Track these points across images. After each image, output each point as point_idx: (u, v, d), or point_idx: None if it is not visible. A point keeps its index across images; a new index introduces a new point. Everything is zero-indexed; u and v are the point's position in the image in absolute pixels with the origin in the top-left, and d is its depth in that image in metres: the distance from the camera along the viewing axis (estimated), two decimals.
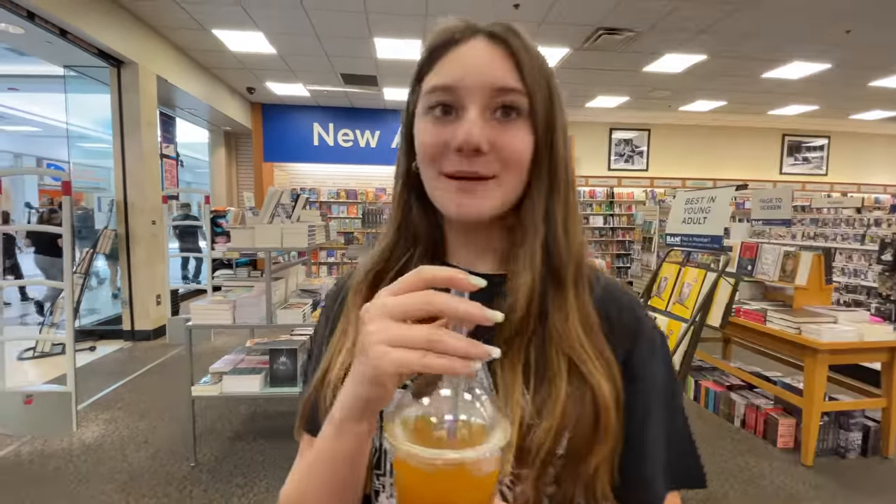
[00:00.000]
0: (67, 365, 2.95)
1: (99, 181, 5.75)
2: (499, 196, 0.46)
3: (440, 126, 0.46)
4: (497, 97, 0.44)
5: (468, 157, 0.44)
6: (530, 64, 0.45)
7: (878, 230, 4.51)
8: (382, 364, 0.32)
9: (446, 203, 0.47)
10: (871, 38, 5.05)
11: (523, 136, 0.45)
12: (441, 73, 0.46)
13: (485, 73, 0.44)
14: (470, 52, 0.46)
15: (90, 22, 4.15)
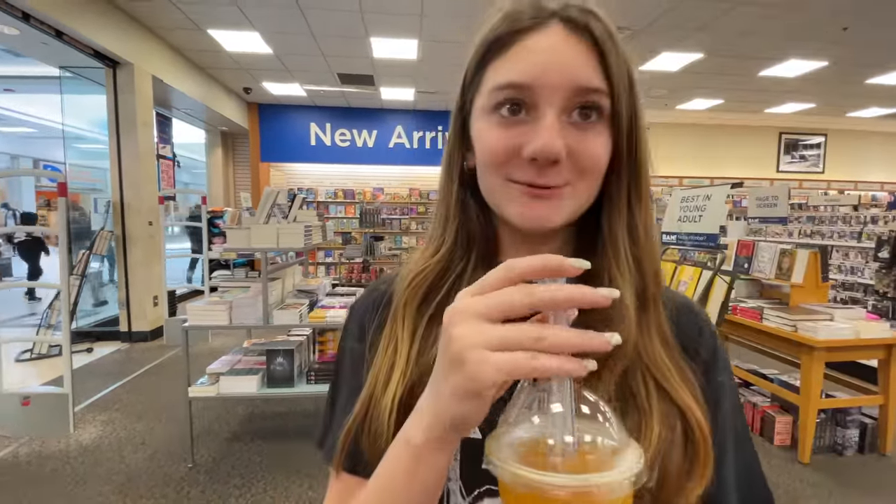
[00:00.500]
0: (64, 366, 2.94)
1: (95, 182, 5.73)
2: (571, 206, 0.42)
3: (509, 128, 0.40)
4: (577, 98, 0.39)
5: (542, 167, 0.39)
6: (616, 57, 0.40)
7: (875, 227, 4.53)
8: (483, 372, 0.27)
9: (512, 211, 0.42)
10: (869, 35, 5.06)
11: (603, 140, 0.40)
12: (512, 68, 0.40)
13: (565, 71, 0.39)
14: (546, 42, 0.39)
15: (86, 23, 4.14)
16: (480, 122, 0.43)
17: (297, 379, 2.63)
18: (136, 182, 4.94)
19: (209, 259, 5.29)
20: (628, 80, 0.41)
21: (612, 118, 0.40)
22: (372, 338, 0.48)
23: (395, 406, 0.40)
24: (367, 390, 0.43)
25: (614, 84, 0.39)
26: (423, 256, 0.48)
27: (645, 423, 0.39)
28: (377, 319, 0.49)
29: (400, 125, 8.73)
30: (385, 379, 0.42)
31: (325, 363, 2.73)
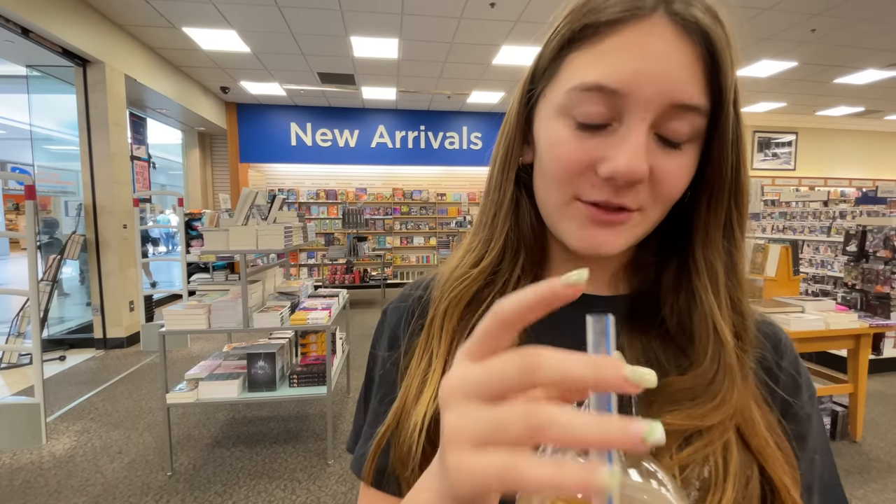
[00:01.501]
0: (35, 375, 2.84)
1: (67, 185, 5.56)
2: (637, 233, 0.37)
3: (587, 138, 0.35)
4: (669, 118, 0.33)
5: (619, 188, 0.34)
6: (730, 71, 0.33)
7: (844, 222, 4.68)
8: (460, 483, 0.20)
9: (571, 234, 0.38)
10: (836, 36, 5.23)
11: (690, 164, 0.35)
12: (601, 66, 0.33)
13: (665, 81, 0.32)
14: (648, 41, 0.32)
15: (53, 20, 4.01)
16: (552, 122, 0.37)
17: (280, 382, 2.60)
18: (108, 184, 4.80)
19: (188, 262, 5.19)
20: (734, 96, 0.35)
21: (715, 138, 0.35)
22: (406, 345, 0.44)
23: (424, 424, 0.37)
24: (399, 402, 0.40)
25: (724, 99, 0.34)
26: (463, 263, 0.43)
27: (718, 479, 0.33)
28: (411, 327, 0.45)
29: (382, 125, 8.68)
30: (416, 393, 0.39)
31: (307, 366, 2.71)
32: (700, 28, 0.33)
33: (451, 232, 8.91)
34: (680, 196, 0.36)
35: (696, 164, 0.36)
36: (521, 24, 4.90)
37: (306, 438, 2.92)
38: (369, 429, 0.45)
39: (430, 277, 0.49)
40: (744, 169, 0.37)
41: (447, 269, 0.45)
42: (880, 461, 2.64)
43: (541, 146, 0.38)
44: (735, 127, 0.35)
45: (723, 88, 0.33)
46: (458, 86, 7.16)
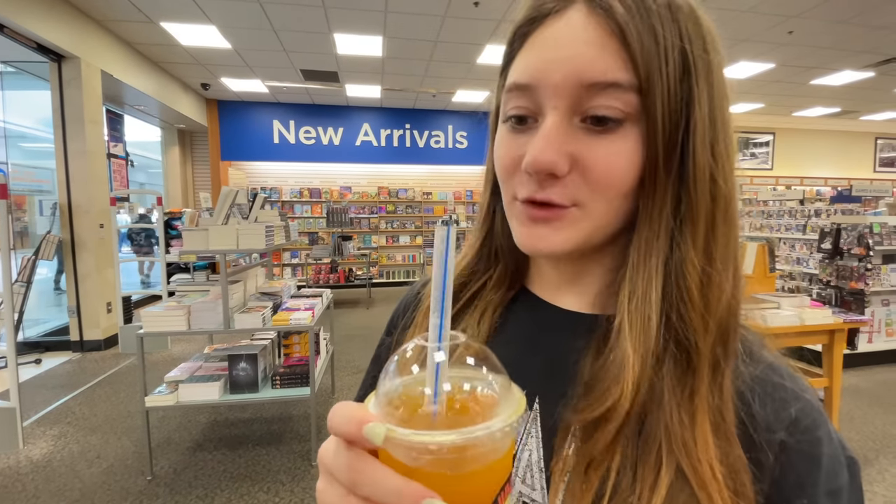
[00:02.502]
0: (10, 379, 2.77)
1: (42, 183, 5.42)
2: (582, 229, 0.34)
3: (515, 136, 0.35)
4: (588, 99, 0.32)
5: (541, 181, 0.33)
6: (645, 38, 0.30)
7: (819, 220, 4.80)
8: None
9: (516, 231, 0.37)
10: (812, 39, 5.36)
11: (625, 147, 0.32)
12: (521, 65, 0.34)
13: (571, 65, 0.31)
14: (559, 30, 0.32)
15: (27, 14, 3.90)
16: (500, 128, 0.37)
17: (262, 384, 2.57)
18: (84, 183, 4.69)
19: (167, 263, 5.09)
20: (684, 64, 0.31)
21: (645, 118, 0.32)
22: (399, 335, 0.47)
23: None
24: None
25: (641, 71, 0.30)
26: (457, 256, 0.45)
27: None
28: (405, 318, 0.48)
29: (367, 123, 8.63)
30: None
31: (290, 367, 2.68)
32: (604, 5, 0.31)
33: None
34: (626, 186, 0.33)
35: (637, 145, 0.32)
36: (505, 23, 4.90)
37: (290, 440, 2.89)
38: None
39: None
40: (695, 147, 0.32)
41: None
42: (856, 454, 2.72)
43: (494, 153, 0.39)
44: (673, 101, 0.31)
45: (636, 60, 0.30)
46: (443, 84, 7.15)
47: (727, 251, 0.34)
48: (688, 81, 0.32)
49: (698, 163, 0.32)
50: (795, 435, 0.32)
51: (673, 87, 0.31)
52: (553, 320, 0.40)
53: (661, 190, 0.33)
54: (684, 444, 0.30)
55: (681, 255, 0.32)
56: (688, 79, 0.32)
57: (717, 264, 0.33)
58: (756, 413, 0.32)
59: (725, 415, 0.31)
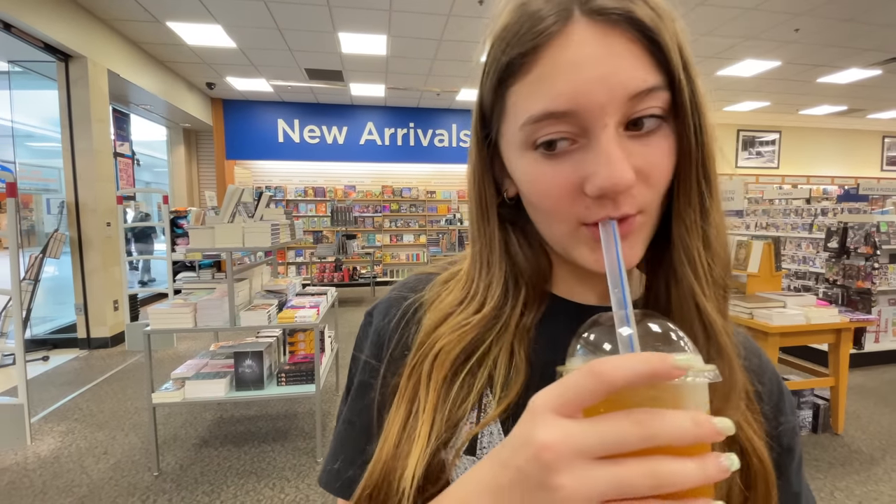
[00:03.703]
0: (18, 376, 2.80)
1: (49, 182, 5.46)
2: (647, 233, 0.36)
3: (559, 163, 0.33)
4: (634, 107, 0.32)
5: (614, 200, 0.33)
6: (669, 36, 0.32)
7: (825, 219, 4.77)
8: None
9: (586, 258, 0.36)
10: (818, 37, 5.32)
11: (669, 144, 0.34)
12: (543, 92, 0.32)
13: (611, 79, 0.31)
14: (576, 49, 0.31)
15: (35, 14, 3.93)
16: (521, 161, 0.36)
17: (267, 381, 2.59)
18: (91, 181, 4.73)
19: (174, 261, 5.12)
20: (684, 60, 0.33)
21: (675, 112, 0.33)
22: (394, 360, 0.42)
23: (412, 489, 0.35)
24: (381, 452, 0.38)
25: (674, 69, 0.32)
26: (464, 311, 0.40)
27: None
28: (398, 335, 0.43)
29: (371, 122, 8.64)
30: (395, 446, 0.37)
31: (295, 364, 2.69)
32: (620, 13, 0.31)
33: (441, 230, 8.90)
34: (669, 180, 0.35)
35: (674, 140, 0.34)
36: None
37: (295, 437, 2.91)
38: (340, 438, 0.45)
39: (416, 278, 0.47)
40: (708, 133, 0.35)
41: (438, 314, 0.41)
42: (862, 453, 2.70)
43: (521, 186, 0.37)
44: (692, 93, 0.33)
45: (669, 60, 0.32)
46: (448, 83, 7.15)
47: (723, 220, 0.37)
48: (690, 74, 0.33)
49: (708, 143, 0.35)
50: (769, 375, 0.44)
51: (687, 80, 0.33)
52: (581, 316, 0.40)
53: (692, 170, 0.35)
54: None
55: (709, 225, 0.36)
56: (689, 72, 0.33)
57: (722, 231, 0.37)
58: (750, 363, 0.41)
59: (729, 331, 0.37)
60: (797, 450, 0.43)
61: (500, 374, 0.38)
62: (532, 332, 0.41)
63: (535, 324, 0.41)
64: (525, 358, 0.39)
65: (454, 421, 0.37)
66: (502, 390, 0.38)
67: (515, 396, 0.38)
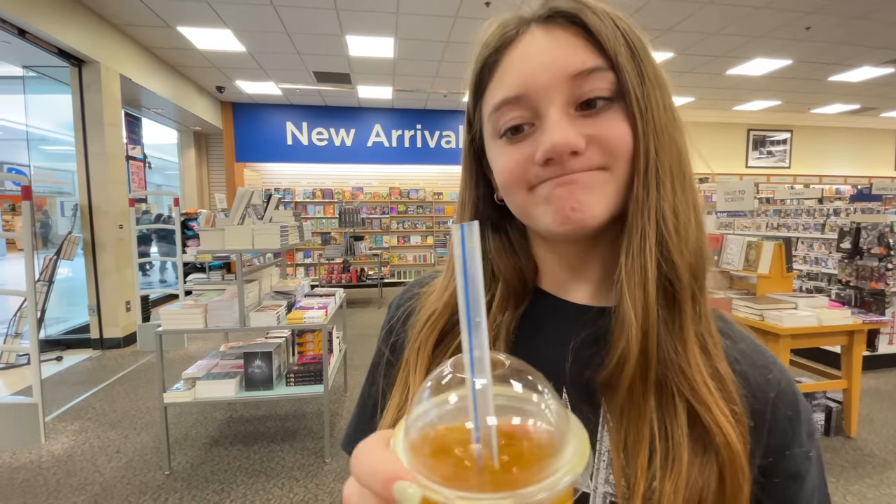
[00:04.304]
0: (33, 375, 2.85)
1: (62, 185, 5.55)
2: (611, 190, 0.37)
3: (518, 144, 0.38)
4: (578, 86, 0.35)
5: (562, 162, 0.35)
6: (605, 28, 0.35)
7: (838, 219, 4.71)
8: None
9: (545, 215, 0.38)
10: (830, 34, 5.26)
11: (621, 120, 0.36)
12: (503, 85, 0.38)
13: (553, 64, 0.35)
14: (528, 47, 0.37)
15: (49, 20, 4.00)
16: (492, 150, 0.41)
17: (276, 381, 2.61)
18: (104, 184, 4.80)
19: (184, 262, 5.18)
20: (629, 45, 0.36)
21: (623, 96, 0.36)
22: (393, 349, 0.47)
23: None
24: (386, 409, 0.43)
25: (611, 53, 0.35)
26: (440, 293, 0.44)
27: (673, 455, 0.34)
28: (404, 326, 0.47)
29: (378, 124, 8.68)
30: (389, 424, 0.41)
31: (304, 364, 2.72)
32: (561, 12, 0.37)
33: (448, 231, 8.91)
34: (629, 152, 0.36)
35: (625, 117, 0.36)
36: None
37: (303, 437, 2.93)
38: (355, 416, 0.52)
39: (430, 275, 0.51)
40: (662, 112, 0.36)
41: (425, 304, 0.45)
42: (875, 457, 2.67)
43: (495, 172, 0.41)
44: (639, 75, 0.36)
45: (604, 45, 0.35)
46: (454, 85, 7.17)
47: (688, 199, 0.37)
48: (638, 61, 0.36)
49: (662, 125, 0.36)
50: (778, 393, 0.39)
51: (631, 66, 0.36)
52: (568, 314, 0.43)
53: (641, 149, 0.36)
54: (681, 370, 0.35)
55: (662, 203, 0.36)
56: (636, 59, 0.36)
57: (684, 209, 0.37)
58: (748, 376, 0.39)
59: (707, 337, 0.38)
60: (808, 483, 0.39)
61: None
62: (511, 332, 0.43)
63: (519, 315, 0.44)
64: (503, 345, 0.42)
65: None
66: None
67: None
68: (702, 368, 0.36)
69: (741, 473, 0.35)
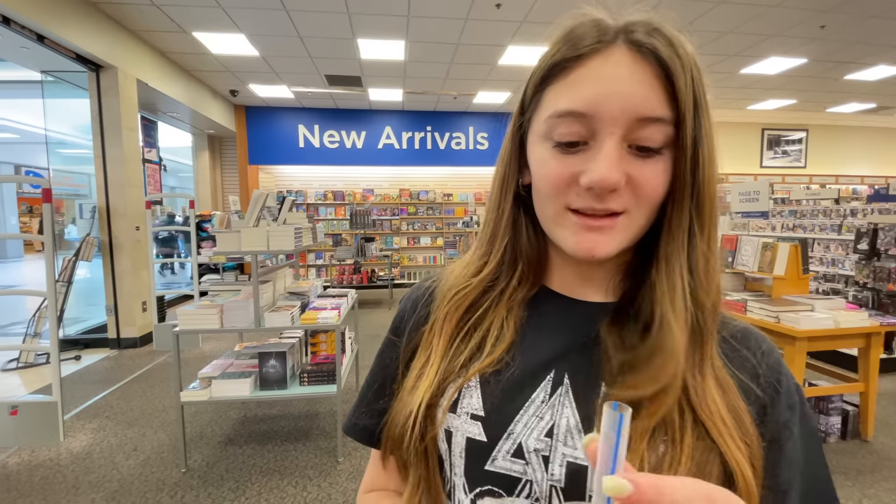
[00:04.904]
0: (52, 374, 2.91)
1: (80, 188, 5.67)
2: (625, 236, 0.41)
3: (567, 157, 0.40)
4: (639, 129, 0.38)
5: (600, 195, 0.39)
6: (684, 81, 0.38)
7: (855, 220, 4.63)
8: None
9: (566, 241, 0.42)
10: (846, 32, 5.18)
11: (663, 168, 0.39)
12: (572, 95, 0.39)
13: (627, 100, 0.37)
14: (608, 68, 0.38)
15: (68, 26, 4.10)
16: (538, 147, 0.43)
17: (290, 381, 2.64)
18: (121, 187, 4.89)
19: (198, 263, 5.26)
20: (695, 103, 0.38)
21: (676, 145, 0.39)
22: (410, 333, 0.51)
23: (419, 413, 0.44)
24: (402, 392, 0.47)
25: (681, 111, 0.38)
26: (465, 273, 0.49)
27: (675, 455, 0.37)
28: (416, 315, 0.51)
29: (389, 126, 8.73)
30: (413, 385, 0.46)
31: (317, 364, 2.74)
32: (655, 53, 0.38)
33: (458, 232, 8.93)
34: (661, 199, 0.40)
35: (669, 167, 0.40)
36: (526, 24, 4.91)
37: (316, 436, 2.95)
38: (361, 398, 0.55)
39: (439, 272, 0.55)
40: (706, 169, 0.39)
41: (450, 277, 0.50)
42: (892, 460, 2.62)
43: (533, 168, 0.44)
44: (695, 132, 0.38)
45: (678, 99, 0.38)
46: (465, 86, 7.18)
47: (716, 247, 0.42)
48: (699, 117, 0.39)
49: (707, 179, 0.40)
50: (765, 368, 0.43)
51: (693, 122, 0.38)
52: (575, 309, 0.47)
53: (686, 199, 0.40)
54: (697, 394, 0.39)
55: (695, 250, 0.41)
56: (699, 114, 0.39)
57: (714, 257, 0.41)
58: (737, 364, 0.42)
59: (721, 374, 0.41)
60: (788, 449, 0.42)
61: (490, 339, 0.46)
62: (523, 311, 0.47)
63: (526, 304, 0.48)
64: (513, 328, 0.46)
65: (453, 369, 0.45)
66: (487, 354, 0.45)
67: (495, 360, 0.44)
68: (717, 399, 0.39)
69: (751, 497, 0.37)
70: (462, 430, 0.43)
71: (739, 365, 0.42)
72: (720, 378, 0.41)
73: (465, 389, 0.44)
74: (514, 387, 0.44)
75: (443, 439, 0.45)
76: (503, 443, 0.42)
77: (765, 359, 0.44)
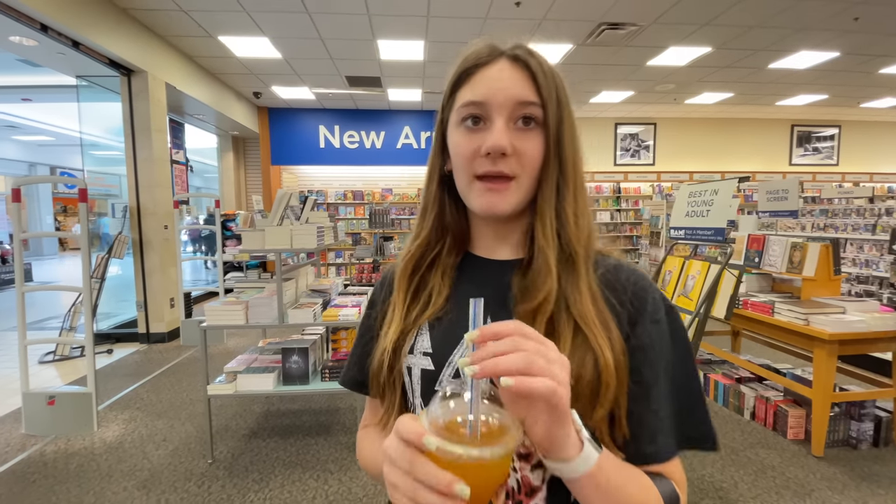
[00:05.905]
0: (87, 366, 3.03)
1: (111, 188, 5.87)
2: (517, 196, 0.55)
3: (472, 134, 0.55)
4: (519, 110, 0.54)
5: (495, 159, 0.53)
6: (545, 81, 0.54)
7: (890, 220, 4.46)
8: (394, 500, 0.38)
9: (475, 203, 0.57)
10: (880, 24, 4.99)
11: (538, 141, 0.55)
12: (473, 91, 0.55)
13: (509, 90, 0.54)
14: (496, 72, 0.55)
15: (101, 33, 4.25)
16: (453, 132, 0.58)
17: (312, 376, 2.69)
18: (151, 187, 5.05)
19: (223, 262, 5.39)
20: (557, 98, 0.55)
21: (544, 126, 0.54)
22: (382, 304, 0.65)
23: (389, 347, 0.59)
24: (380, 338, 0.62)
25: (544, 98, 0.54)
26: (408, 242, 0.64)
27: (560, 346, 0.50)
28: (384, 290, 0.67)
29: (408, 126, 8.78)
30: (385, 331, 0.61)
31: (338, 360, 2.79)
32: (526, 63, 0.55)
33: None
34: (539, 165, 0.55)
35: (542, 141, 0.55)
36: (547, 21, 4.88)
37: (337, 431, 3.00)
38: (349, 359, 0.71)
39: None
40: (566, 142, 0.55)
41: (403, 249, 0.65)
42: None
43: (451, 152, 0.59)
44: (558, 116, 0.54)
45: (541, 91, 0.54)
46: None
47: (584, 205, 0.58)
48: (560, 107, 0.55)
49: (567, 153, 0.56)
50: (631, 293, 0.56)
51: (556, 110, 0.55)
52: (493, 266, 0.62)
53: (552, 168, 0.55)
54: (576, 304, 0.53)
55: (562, 203, 0.56)
56: (560, 105, 0.55)
57: (580, 213, 0.57)
58: (617, 289, 0.56)
59: (595, 293, 0.55)
60: (653, 351, 0.54)
61: (434, 295, 0.61)
62: (455, 272, 0.63)
63: (457, 267, 0.63)
64: (448, 286, 0.61)
65: (410, 320, 0.60)
66: (430, 306, 0.60)
67: (437, 310, 0.59)
68: (590, 308, 0.53)
69: (609, 376, 0.50)
70: (418, 364, 0.58)
71: (612, 289, 0.56)
72: (594, 294, 0.54)
73: (419, 335, 0.59)
74: (452, 328, 0.58)
75: (406, 374, 0.59)
76: (446, 369, 0.57)
77: (631, 285, 0.56)
